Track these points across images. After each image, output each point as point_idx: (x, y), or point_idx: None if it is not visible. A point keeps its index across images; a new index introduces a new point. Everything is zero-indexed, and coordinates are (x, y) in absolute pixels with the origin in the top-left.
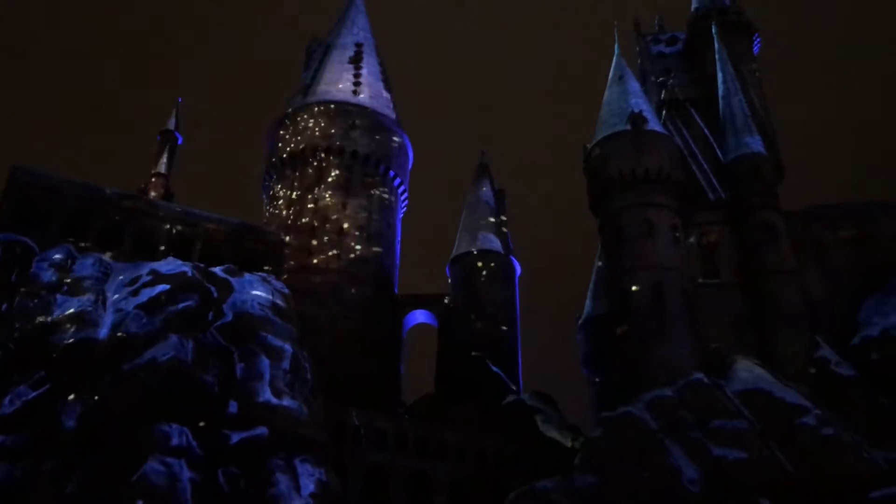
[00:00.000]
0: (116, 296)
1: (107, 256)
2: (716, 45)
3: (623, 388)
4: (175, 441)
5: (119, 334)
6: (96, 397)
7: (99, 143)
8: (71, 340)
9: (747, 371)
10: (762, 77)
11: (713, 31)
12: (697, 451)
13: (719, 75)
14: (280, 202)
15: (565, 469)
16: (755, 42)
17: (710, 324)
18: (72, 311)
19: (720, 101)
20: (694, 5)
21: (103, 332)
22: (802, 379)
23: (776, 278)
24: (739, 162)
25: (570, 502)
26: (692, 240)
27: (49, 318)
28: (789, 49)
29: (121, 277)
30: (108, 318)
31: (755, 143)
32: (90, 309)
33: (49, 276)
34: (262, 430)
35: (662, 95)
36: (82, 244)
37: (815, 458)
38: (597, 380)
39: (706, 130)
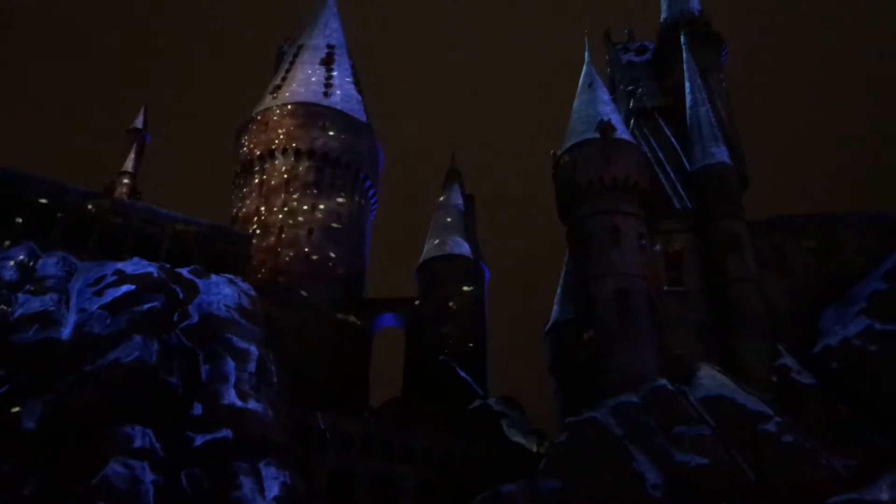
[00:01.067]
0: (80, 296)
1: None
2: (684, 56)
3: (588, 394)
4: (138, 443)
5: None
6: (57, 398)
7: (66, 141)
8: (32, 340)
9: (710, 378)
10: (729, 88)
11: (682, 41)
12: (660, 456)
13: (687, 85)
14: (249, 203)
15: (530, 473)
16: (723, 53)
17: (675, 331)
18: (34, 310)
19: (687, 111)
20: (663, 15)
21: (66, 332)
22: (764, 386)
23: (739, 287)
24: (705, 171)
25: None
26: (658, 247)
27: (10, 318)
28: (756, 60)
29: (85, 277)
30: (71, 318)
31: (721, 153)
32: (53, 308)
33: (11, 274)
34: (226, 432)
35: (631, 104)
36: (46, 242)
37: (775, 465)
38: (562, 385)
39: (673, 139)
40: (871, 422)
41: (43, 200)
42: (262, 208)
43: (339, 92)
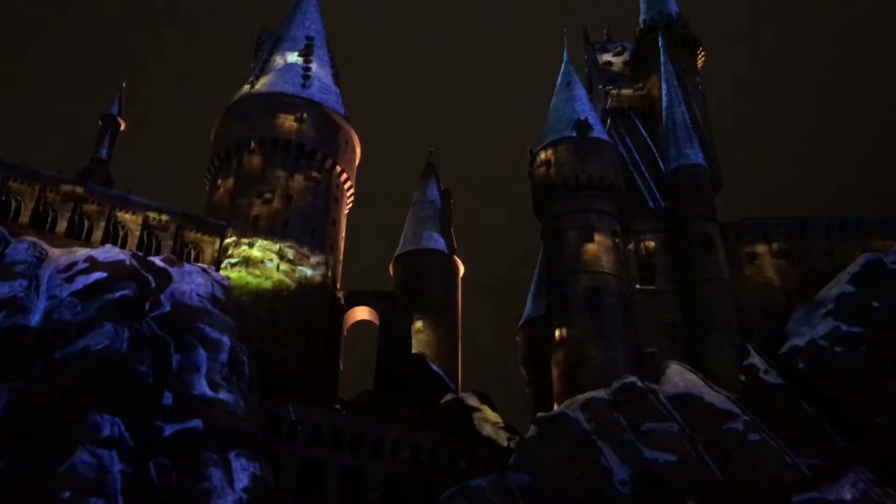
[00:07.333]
0: (50, 282)
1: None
2: (661, 57)
3: (559, 390)
4: (106, 432)
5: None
6: (25, 385)
7: (39, 125)
8: (0, 326)
9: (679, 376)
10: (705, 90)
11: (659, 43)
12: (629, 453)
13: (663, 86)
14: (223, 192)
15: (500, 468)
16: (699, 56)
17: (646, 329)
18: (2, 296)
19: (663, 112)
20: (641, 17)
21: (35, 319)
22: (732, 385)
23: (710, 287)
24: (679, 172)
25: (503, 501)
26: (631, 246)
27: None
28: (732, 64)
29: (56, 263)
30: (40, 305)
31: (695, 155)
32: (22, 294)
33: None
34: (196, 422)
35: (608, 104)
36: (16, 227)
37: (741, 463)
38: (534, 380)
39: (649, 140)
40: (835, 422)
41: (13, 185)
42: (237, 198)
43: (316, 83)
